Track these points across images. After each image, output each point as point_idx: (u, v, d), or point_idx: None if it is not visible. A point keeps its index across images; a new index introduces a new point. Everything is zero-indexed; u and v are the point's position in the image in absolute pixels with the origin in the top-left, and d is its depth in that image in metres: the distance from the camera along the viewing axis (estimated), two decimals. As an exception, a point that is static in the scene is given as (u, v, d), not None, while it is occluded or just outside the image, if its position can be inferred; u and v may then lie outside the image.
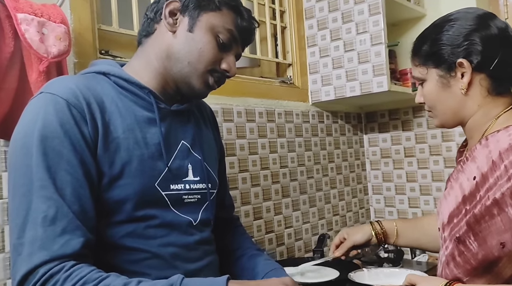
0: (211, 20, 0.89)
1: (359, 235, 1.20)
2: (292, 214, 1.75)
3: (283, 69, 1.90)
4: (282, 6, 1.87)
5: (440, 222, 0.99)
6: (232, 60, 0.93)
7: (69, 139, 0.77)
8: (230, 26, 0.91)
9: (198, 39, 0.89)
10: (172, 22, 0.90)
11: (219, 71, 0.92)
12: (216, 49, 0.90)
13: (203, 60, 0.89)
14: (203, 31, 0.89)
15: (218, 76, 0.93)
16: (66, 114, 0.77)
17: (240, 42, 0.95)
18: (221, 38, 0.90)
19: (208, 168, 1.00)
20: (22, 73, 0.97)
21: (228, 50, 0.92)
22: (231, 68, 0.93)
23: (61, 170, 0.75)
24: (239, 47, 0.95)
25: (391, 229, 1.20)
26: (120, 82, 0.88)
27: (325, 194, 1.94)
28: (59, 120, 0.77)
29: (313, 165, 1.88)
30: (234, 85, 1.56)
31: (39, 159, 0.74)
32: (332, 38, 1.84)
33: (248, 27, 0.95)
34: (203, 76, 0.90)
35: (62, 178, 0.75)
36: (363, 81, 1.75)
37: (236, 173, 1.53)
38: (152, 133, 0.89)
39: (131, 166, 0.83)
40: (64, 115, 0.77)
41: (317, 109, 1.93)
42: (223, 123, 1.50)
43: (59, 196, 0.73)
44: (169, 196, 0.89)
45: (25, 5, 0.92)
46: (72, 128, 0.77)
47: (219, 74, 0.93)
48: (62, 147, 0.76)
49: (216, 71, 0.92)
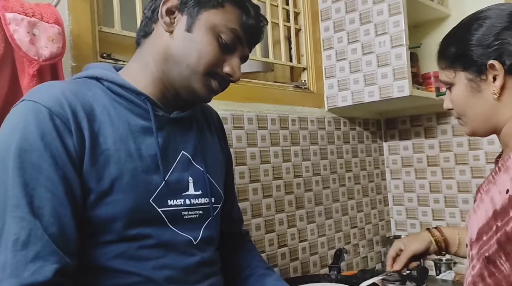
0: (212, 19, 0.81)
1: (417, 244, 1.11)
2: (306, 227, 1.65)
3: (297, 74, 1.80)
4: (297, 7, 1.79)
5: (468, 238, 0.90)
6: (236, 63, 0.84)
7: (50, 153, 0.69)
8: (234, 25, 0.82)
9: (197, 40, 0.80)
10: (169, 21, 0.82)
11: (220, 75, 0.83)
12: (218, 51, 0.81)
13: (203, 62, 0.80)
14: (203, 31, 0.80)
15: (220, 80, 0.84)
16: (47, 124, 0.70)
17: (246, 42, 0.86)
18: (224, 38, 0.81)
19: (211, 180, 0.91)
20: (14, 77, 0.90)
21: (232, 51, 0.84)
22: (234, 72, 0.84)
23: (40, 187, 0.68)
24: (245, 48, 0.87)
25: (452, 237, 1.11)
26: (113, 88, 0.80)
27: (342, 205, 1.83)
28: (39, 132, 0.69)
29: (329, 174, 1.78)
30: (245, 91, 1.48)
31: (15, 174, 0.67)
32: (349, 41, 1.74)
33: (255, 25, 0.86)
34: (204, 79, 0.82)
35: (41, 195, 0.67)
36: (383, 86, 1.65)
37: (247, 183, 1.44)
38: (147, 144, 0.80)
39: (122, 181, 0.75)
40: (45, 126, 0.70)
41: (333, 115, 1.83)
42: (233, 130, 1.42)
43: (34, 216, 0.66)
44: (167, 213, 0.81)
45: (15, 4, 0.85)
46: (53, 141, 0.70)
47: (221, 78, 0.84)
48: (42, 161, 0.68)
49: (217, 74, 0.83)
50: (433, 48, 0.94)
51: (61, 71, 0.96)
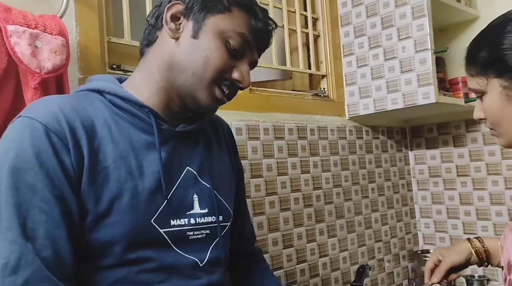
0: (219, 24, 0.77)
1: (457, 255, 1.05)
2: (327, 241, 1.58)
3: (316, 81, 1.74)
4: (315, 13, 1.73)
5: (504, 260, 0.81)
6: (245, 69, 0.80)
7: (46, 172, 0.65)
8: (242, 29, 0.78)
9: (204, 46, 0.76)
10: (174, 27, 0.78)
11: (228, 80, 0.79)
12: (226, 57, 0.77)
13: (210, 69, 0.76)
14: (210, 36, 0.76)
15: (228, 85, 0.79)
16: (43, 142, 0.66)
17: (255, 47, 0.82)
18: (232, 44, 0.77)
19: (219, 197, 0.86)
20: (18, 91, 0.87)
21: (241, 57, 0.80)
22: (244, 78, 0.79)
23: (34, 208, 0.64)
24: (254, 53, 0.82)
25: (494, 248, 1.03)
26: (115, 101, 0.76)
27: (366, 217, 1.75)
28: (35, 150, 0.66)
29: (351, 186, 1.70)
30: (260, 100, 1.43)
31: (8, 194, 0.63)
32: (370, 46, 1.67)
33: (264, 29, 0.81)
34: (209, 88, 0.77)
35: (35, 217, 0.64)
36: (407, 93, 1.57)
37: (263, 196, 1.38)
38: (150, 161, 0.76)
39: (121, 201, 0.71)
40: (41, 144, 0.66)
41: (355, 124, 1.75)
42: (248, 141, 1.36)
43: (27, 239, 0.62)
44: (170, 234, 0.76)
45: (17, 16, 0.83)
46: (49, 159, 0.66)
47: (229, 83, 0.79)
48: (36, 180, 0.65)
49: (225, 80, 0.78)
50: (460, 52, 0.87)
51: (66, 84, 0.93)
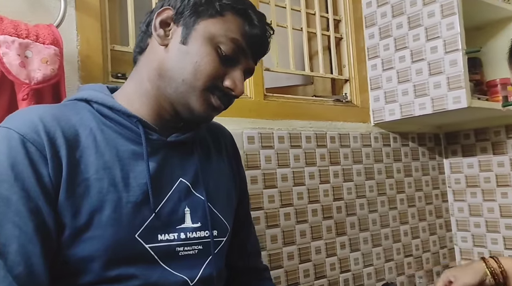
0: (210, 28, 0.73)
1: (470, 276, 0.98)
2: (349, 255, 1.49)
3: (339, 86, 1.66)
4: (337, 14, 1.65)
5: None
6: (238, 76, 0.75)
7: (21, 184, 0.63)
8: (235, 34, 0.74)
9: (193, 52, 0.72)
10: (163, 34, 0.74)
11: (221, 89, 0.74)
12: (217, 63, 0.73)
13: (201, 76, 0.72)
14: (200, 41, 0.72)
15: (220, 95, 0.75)
16: (20, 152, 0.64)
17: (250, 54, 0.77)
18: (223, 49, 0.73)
19: (214, 210, 0.81)
20: (12, 101, 0.86)
21: (234, 64, 0.75)
22: (236, 86, 0.75)
23: (7, 222, 0.61)
24: (248, 60, 0.77)
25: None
26: (103, 110, 0.73)
27: (393, 230, 1.64)
28: (10, 161, 0.63)
29: (377, 196, 1.60)
30: (274, 107, 1.37)
31: None
32: (396, 48, 1.56)
33: (259, 35, 0.76)
34: (203, 95, 0.73)
35: (7, 232, 0.61)
36: (436, 97, 1.45)
37: (277, 208, 1.32)
38: (137, 172, 0.72)
39: (102, 214, 0.67)
40: (17, 154, 0.64)
41: (380, 130, 1.65)
42: (261, 150, 1.30)
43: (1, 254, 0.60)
44: (156, 249, 0.71)
45: (8, 26, 0.82)
46: (25, 170, 0.63)
47: (222, 93, 0.74)
48: (11, 193, 0.62)
49: (217, 88, 0.74)
50: (499, 52, 0.77)
51: (63, 93, 0.91)
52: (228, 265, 0.91)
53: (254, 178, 1.27)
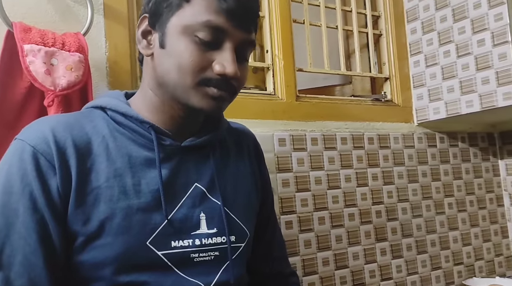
0: (180, 21, 0.68)
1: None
2: (391, 263, 1.41)
3: (379, 85, 1.59)
4: (376, 10, 1.58)
5: None
6: (227, 57, 0.68)
7: (29, 195, 0.64)
8: (207, 15, 0.67)
9: (172, 53, 0.69)
10: (146, 44, 0.73)
11: (214, 78, 0.69)
12: (198, 54, 0.68)
13: (186, 74, 0.68)
14: (175, 39, 0.68)
15: (216, 83, 0.69)
16: (29, 164, 0.65)
17: (235, 25, 0.69)
18: (200, 37, 0.67)
19: (231, 215, 0.79)
20: (42, 108, 0.90)
21: (219, 45, 0.69)
22: (225, 68, 0.68)
23: (14, 233, 0.63)
24: (236, 33, 0.69)
25: None
26: (116, 117, 0.74)
27: (441, 236, 1.54)
28: (21, 173, 0.65)
29: (421, 200, 1.51)
30: (307, 108, 1.33)
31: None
32: (440, 42, 1.47)
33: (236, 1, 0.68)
34: (198, 91, 0.69)
35: (14, 242, 0.63)
36: (484, 93, 1.35)
37: (311, 212, 1.28)
38: (150, 178, 0.72)
39: (112, 222, 0.67)
40: (27, 166, 0.65)
41: (425, 130, 1.56)
42: (293, 152, 1.27)
43: (2, 266, 0.62)
44: (170, 256, 0.70)
45: (35, 35, 0.86)
46: (33, 182, 0.65)
47: (216, 81, 0.69)
48: (19, 205, 0.64)
49: (210, 79, 0.69)
50: None
51: (91, 99, 0.94)
52: (252, 270, 0.90)
53: (285, 181, 1.25)
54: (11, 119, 0.88)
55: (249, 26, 0.71)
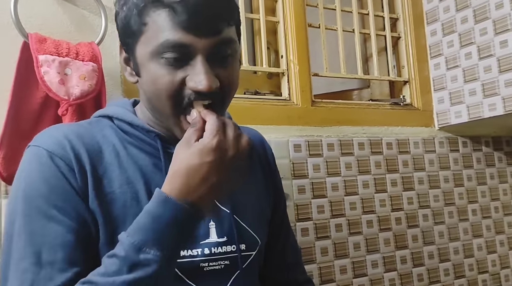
0: (144, 48, 0.65)
1: None
2: (412, 271, 1.37)
3: (398, 89, 1.55)
4: (394, 13, 1.55)
5: None
6: (198, 69, 0.63)
7: (57, 196, 0.65)
8: (165, 34, 0.62)
9: (147, 81, 0.67)
10: (130, 71, 0.73)
11: (191, 99, 0.65)
12: (169, 75, 0.64)
13: (164, 101, 0.66)
14: (145, 67, 0.66)
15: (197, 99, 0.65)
16: (50, 167, 0.66)
17: (200, 35, 0.63)
18: (167, 57, 0.63)
19: (241, 223, 0.78)
20: (58, 118, 0.92)
21: (188, 61, 0.64)
22: (198, 84, 0.63)
23: (50, 233, 0.63)
24: (203, 43, 0.63)
25: None
26: (123, 126, 0.74)
27: (464, 244, 1.49)
28: (42, 176, 0.66)
29: (443, 207, 1.47)
30: (323, 113, 1.31)
31: (22, 223, 0.64)
32: (462, 44, 1.43)
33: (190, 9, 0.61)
34: (178, 121, 0.68)
35: (53, 241, 0.63)
36: (507, 96, 1.30)
37: (327, 218, 1.26)
38: (159, 186, 0.72)
39: (124, 228, 0.68)
40: (48, 169, 0.66)
41: (447, 135, 1.51)
42: (308, 158, 1.26)
43: (40, 266, 0.62)
44: (179, 265, 0.69)
45: (50, 46, 0.87)
46: (59, 182, 0.65)
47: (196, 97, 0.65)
48: (49, 206, 0.64)
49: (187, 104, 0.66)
50: None
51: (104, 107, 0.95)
52: (266, 278, 0.89)
53: (301, 187, 1.23)
54: (28, 128, 0.90)
55: (216, 28, 0.64)
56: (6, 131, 0.87)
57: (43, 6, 0.97)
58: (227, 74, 0.67)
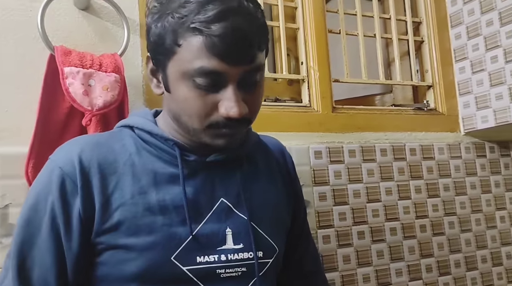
0: (176, 68, 0.66)
1: None
2: (438, 280, 1.34)
3: (422, 94, 1.53)
4: (417, 16, 1.53)
5: None
6: (230, 96, 0.65)
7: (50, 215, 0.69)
8: (200, 61, 0.64)
9: (177, 98, 0.69)
10: (155, 83, 0.74)
11: (221, 122, 0.68)
12: (201, 99, 0.66)
13: (194, 120, 0.68)
14: (176, 85, 0.68)
15: (226, 124, 0.68)
16: (55, 184, 0.69)
17: (234, 63, 0.64)
18: (198, 82, 0.65)
19: (259, 230, 0.78)
20: (83, 128, 0.94)
21: (219, 88, 0.66)
22: (229, 111, 0.65)
23: (35, 249, 0.68)
24: (236, 71, 0.65)
25: None
26: (142, 135, 0.76)
27: (492, 252, 1.44)
28: (46, 191, 0.70)
29: (470, 214, 1.43)
30: (344, 119, 1.30)
31: (19, 232, 0.69)
32: (487, 47, 1.40)
33: (228, 38, 0.62)
34: (208, 132, 0.70)
35: (34, 258, 0.68)
36: (536, 100, 1.26)
37: (349, 226, 1.25)
38: (175, 194, 0.72)
39: (137, 238, 0.69)
40: (52, 186, 0.69)
41: (473, 140, 1.48)
42: (329, 165, 1.25)
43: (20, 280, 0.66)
44: (195, 271, 0.71)
45: (74, 58, 0.90)
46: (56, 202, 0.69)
47: (224, 123, 0.68)
48: (42, 222, 0.69)
49: (217, 123, 0.68)
50: None
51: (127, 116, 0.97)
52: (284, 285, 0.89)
53: (322, 194, 1.22)
54: (55, 138, 0.92)
55: (249, 58, 0.66)
56: (35, 141, 0.90)
57: (69, 19, 1.00)
58: (253, 99, 0.70)
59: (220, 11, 0.62)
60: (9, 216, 0.89)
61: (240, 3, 0.64)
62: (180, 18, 0.64)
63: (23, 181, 0.89)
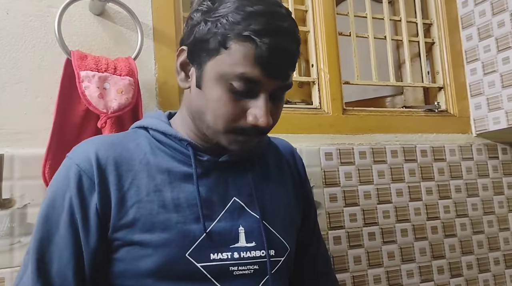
0: (217, 69, 0.68)
1: None
2: (449, 281, 1.34)
3: (433, 95, 1.53)
4: (428, 18, 1.53)
5: None
6: (261, 107, 0.68)
7: (68, 211, 0.71)
8: (243, 67, 0.66)
9: (208, 97, 0.70)
10: (184, 77, 0.75)
11: (245, 128, 0.70)
12: (232, 103, 0.69)
13: (220, 121, 0.70)
14: (210, 84, 0.69)
15: (246, 133, 0.70)
16: (72, 181, 0.71)
17: (274, 77, 0.68)
18: (235, 86, 0.67)
19: (271, 229, 0.80)
20: (98, 130, 0.97)
21: (253, 95, 0.69)
22: (258, 120, 0.68)
23: (54, 244, 0.70)
24: (271, 81, 0.68)
25: None
26: (157, 135, 0.78)
27: (505, 254, 1.44)
28: (64, 188, 0.72)
29: (482, 215, 1.42)
30: (355, 121, 1.31)
31: (38, 228, 0.71)
32: (498, 48, 1.39)
33: (274, 54, 0.66)
34: (228, 136, 0.72)
35: (52, 253, 0.70)
36: (548, 101, 1.26)
37: (360, 227, 1.25)
38: (189, 193, 0.75)
39: (152, 235, 0.71)
40: (70, 183, 0.71)
41: (485, 141, 1.47)
42: (340, 167, 1.26)
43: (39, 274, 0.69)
44: (209, 268, 0.72)
45: (90, 62, 0.93)
46: (73, 198, 0.71)
47: (248, 130, 0.70)
48: (60, 219, 0.71)
49: (241, 128, 0.70)
50: None
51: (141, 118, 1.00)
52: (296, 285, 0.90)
53: (333, 196, 1.23)
54: (71, 140, 0.95)
55: (287, 74, 0.70)
56: (52, 143, 0.93)
57: (84, 24, 1.03)
58: (276, 111, 0.73)
59: (274, 27, 0.66)
60: (28, 216, 0.91)
61: (289, 24, 0.68)
62: (233, 23, 0.66)
63: (41, 181, 0.92)
